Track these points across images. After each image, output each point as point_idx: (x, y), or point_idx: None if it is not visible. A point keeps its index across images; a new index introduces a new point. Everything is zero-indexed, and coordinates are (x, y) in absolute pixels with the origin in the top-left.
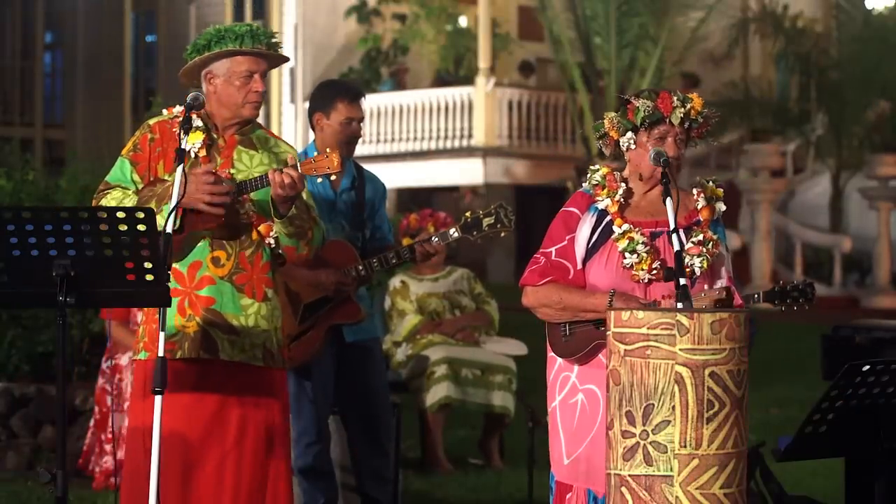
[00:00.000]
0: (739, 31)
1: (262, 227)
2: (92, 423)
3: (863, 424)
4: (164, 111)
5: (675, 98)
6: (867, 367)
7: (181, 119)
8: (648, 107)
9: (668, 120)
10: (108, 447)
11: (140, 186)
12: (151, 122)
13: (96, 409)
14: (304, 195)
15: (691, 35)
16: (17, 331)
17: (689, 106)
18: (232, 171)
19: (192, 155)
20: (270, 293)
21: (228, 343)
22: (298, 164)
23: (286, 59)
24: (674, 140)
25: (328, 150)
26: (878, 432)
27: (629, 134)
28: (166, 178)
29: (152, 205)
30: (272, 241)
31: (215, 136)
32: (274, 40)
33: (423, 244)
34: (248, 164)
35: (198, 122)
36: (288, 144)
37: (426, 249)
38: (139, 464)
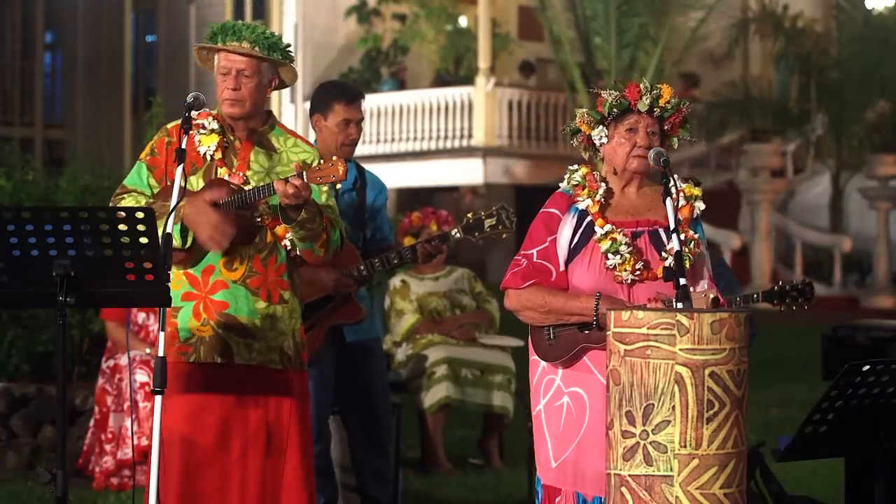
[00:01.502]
0: (739, 31)
1: (278, 229)
2: (92, 423)
3: (863, 424)
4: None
5: (642, 87)
6: (867, 367)
7: (182, 118)
8: (615, 97)
9: (636, 109)
10: (108, 447)
11: (156, 191)
12: (169, 126)
13: (96, 409)
14: (324, 198)
15: (691, 35)
16: (17, 331)
17: (655, 93)
18: (248, 172)
19: (208, 158)
20: (287, 295)
21: (245, 347)
22: (304, 173)
23: (265, 59)
24: (645, 131)
25: (334, 158)
26: (878, 432)
27: (600, 127)
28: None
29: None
30: (288, 243)
31: (231, 137)
32: (265, 38)
33: (424, 244)
34: (264, 166)
35: (213, 125)
36: (308, 144)
37: (427, 250)
38: (168, 463)
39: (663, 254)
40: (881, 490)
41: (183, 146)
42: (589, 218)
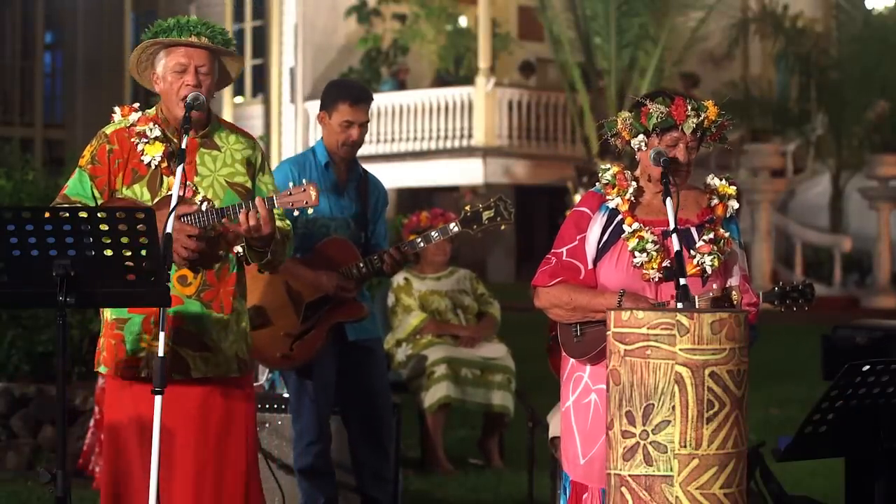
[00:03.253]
0: (739, 31)
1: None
2: (92, 423)
3: (863, 424)
4: (117, 109)
5: (689, 106)
6: (867, 367)
7: (182, 118)
8: (662, 113)
9: (680, 128)
10: None
11: (100, 202)
12: (108, 130)
13: (96, 409)
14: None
15: (691, 35)
16: (17, 331)
17: (703, 116)
18: (195, 178)
19: (153, 167)
20: (238, 304)
21: (201, 360)
22: (275, 198)
23: (228, 52)
24: (685, 147)
25: (304, 181)
26: (878, 432)
27: (640, 137)
28: (124, 192)
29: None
30: (240, 250)
31: (176, 141)
32: (220, 33)
33: (419, 243)
34: (211, 168)
35: (156, 132)
36: (247, 136)
37: (399, 254)
38: (108, 458)
39: (692, 251)
40: (881, 490)
41: (184, 146)
42: (619, 216)
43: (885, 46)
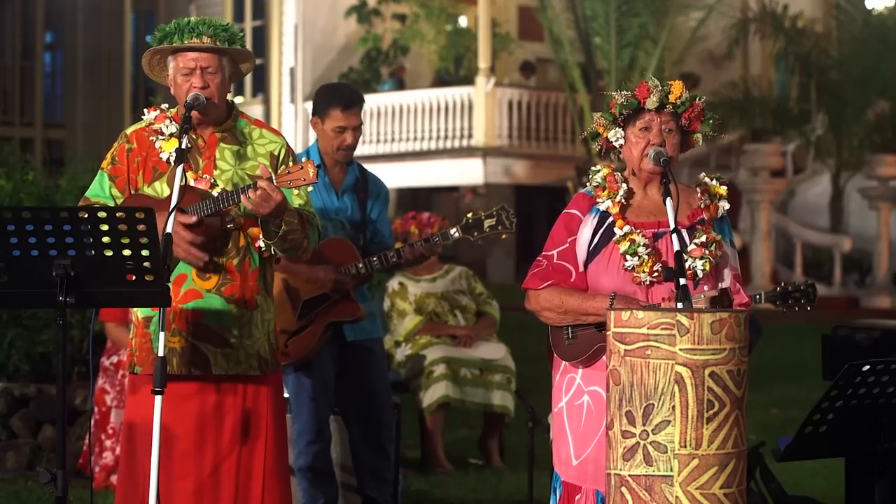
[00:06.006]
0: (739, 31)
1: (252, 231)
2: (91, 423)
3: (863, 424)
4: (146, 112)
5: (650, 84)
6: (867, 367)
7: (182, 118)
8: (625, 96)
9: (646, 107)
10: (108, 443)
11: (120, 201)
12: (129, 130)
13: (96, 408)
14: (300, 201)
15: (691, 35)
16: (17, 331)
17: (665, 90)
18: (215, 173)
19: (172, 163)
20: (261, 299)
21: (222, 357)
22: (273, 177)
23: (231, 51)
24: (659, 129)
25: (304, 160)
26: (878, 432)
27: (615, 129)
28: (146, 190)
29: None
30: (262, 244)
31: (194, 136)
32: (224, 30)
33: (421, 243)
34: (231, 163)
35: (172, 129)
36: (275, 133)
37: (421, 250)
38: (125, 458)
39: (684, 255)
40: (881, 490)
41: (184, 146)
42: (610, 219)
43: (885, 46)
